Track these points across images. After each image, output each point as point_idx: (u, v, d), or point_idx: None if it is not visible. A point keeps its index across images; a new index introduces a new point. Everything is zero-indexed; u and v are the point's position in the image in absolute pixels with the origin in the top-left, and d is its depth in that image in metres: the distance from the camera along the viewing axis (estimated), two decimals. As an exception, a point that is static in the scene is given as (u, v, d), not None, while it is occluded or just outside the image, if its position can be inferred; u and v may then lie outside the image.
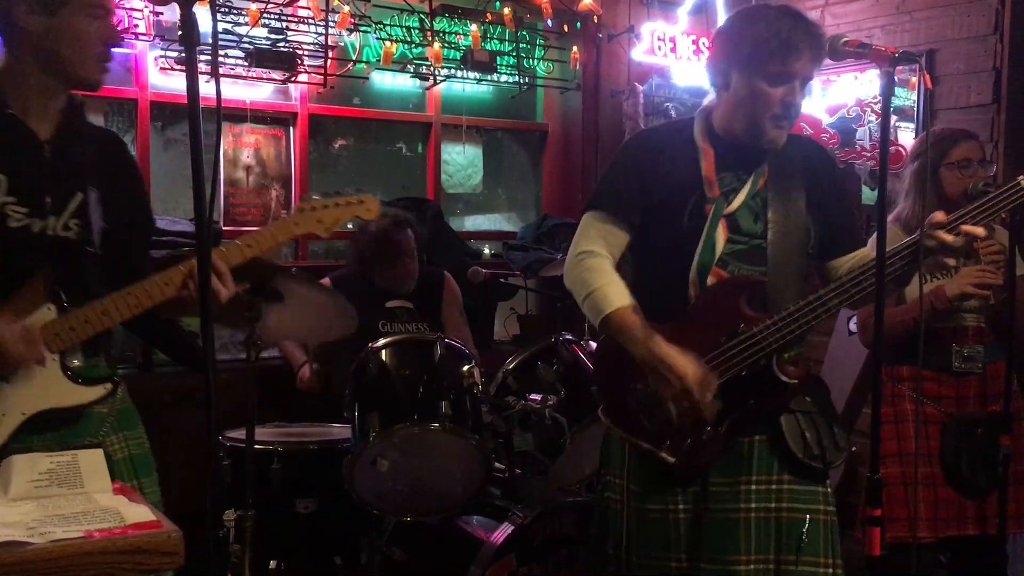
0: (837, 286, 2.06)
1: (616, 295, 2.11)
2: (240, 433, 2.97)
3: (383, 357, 2.96)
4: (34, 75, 1.89)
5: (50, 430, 1.86)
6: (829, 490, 2.19)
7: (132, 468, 2.02)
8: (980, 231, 2.02)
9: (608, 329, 2.12)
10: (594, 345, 3.06)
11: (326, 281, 3.65)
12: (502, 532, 2.86)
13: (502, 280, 3.92)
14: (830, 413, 2.19)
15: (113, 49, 1.96)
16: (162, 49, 3.75)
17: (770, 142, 2.13)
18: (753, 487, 2.14)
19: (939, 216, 2.03)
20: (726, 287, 2.11)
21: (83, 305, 1.87)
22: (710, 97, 2.23)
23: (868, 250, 2.21)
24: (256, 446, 2.90)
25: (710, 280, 2.12)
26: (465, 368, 2.95)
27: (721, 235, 2.12)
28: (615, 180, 2.24)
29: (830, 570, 2.13)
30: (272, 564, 2.96)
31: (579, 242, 2.21)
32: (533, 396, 3.02)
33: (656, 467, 2.14)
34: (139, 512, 1.45)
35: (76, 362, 1.92)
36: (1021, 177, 2.10)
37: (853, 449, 3.77)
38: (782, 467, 2.14)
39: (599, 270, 2.15)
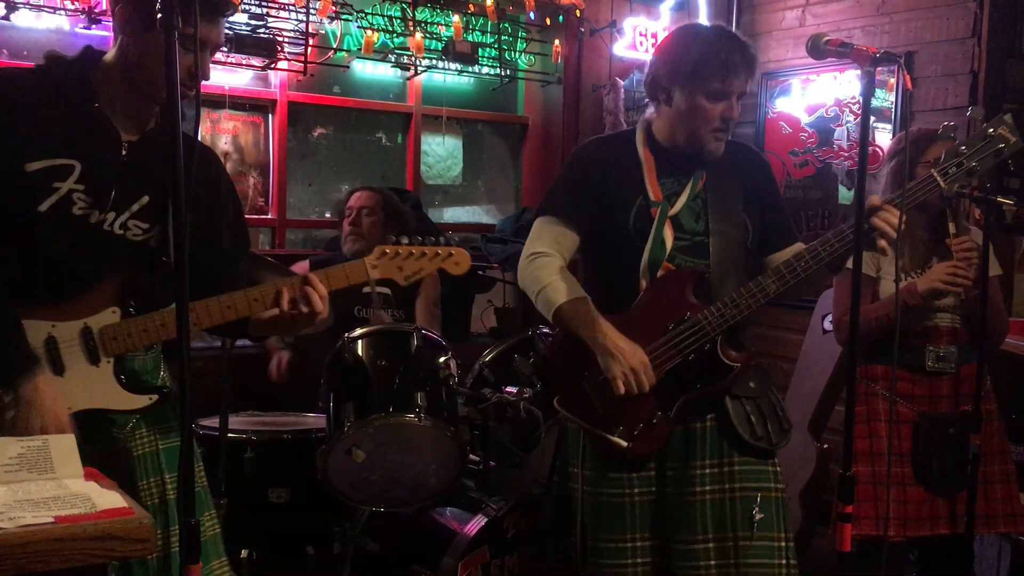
0: (773, 272, 2.23)
1: (566, 288, 2.27)
2: (213, 421, 2.96)
3: (359, 347, 2.95)
4: (126, 80, 1.89)
5: (88, 426, 1.85)
6: (778, 468, 2.34)
7: (157, 463, 2.00)
8: (893, 219, 2.13)
9: (560, 320, 2.27)
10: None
11: (304, 264, 3.63)
12: (476, 524, 2.86)
13: (480, 273, 3.93)
14: (774, 397, 2.36)
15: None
16: (140, 32, 3.70)
17: (710, 153, 2.31)
18: (707, 471, 2.29)
19: (875, 200, 2.17)
20: (673, 278, 2.28)
21: (147, 313, 1.87)
22: (650, 110, 2.40)
23: (801, 244, 2.36)
24: (229, 435, 2.90)
25: (660, 273, 2.29)
26: (441, 360, 2.94)
27: (669, 234, 2.30)
28: (564, 187, 2.41)
29: (783, 543, 2.28)
30: (244, 553, 2.95)
31: (531, 245, 2.39)
32: (509, 389, 3.03)
33: (610, 452, 2.28)
34: (110, 498, 1.43)
35: (130, 369, 1.93)
36: (934, 171, 2.24)
37: (825, 447, 3.81)
38: (731, 449, 2.30)
39: (549, 267, 2.32)
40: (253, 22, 3.83)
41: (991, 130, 2.25)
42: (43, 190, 1.82)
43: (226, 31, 3.72)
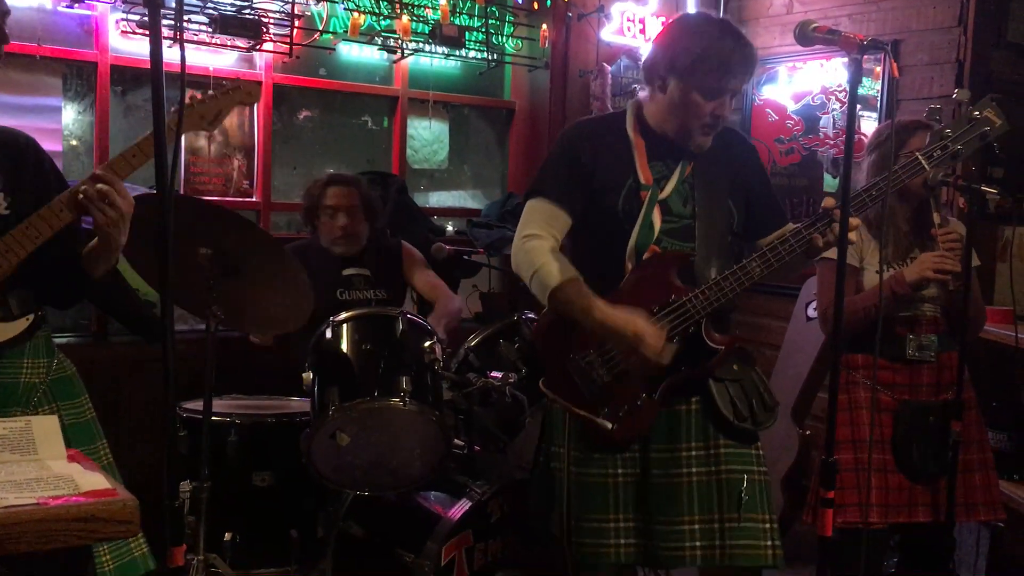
0: (758, 255, 2.23)
1: (561, 270, 2.26)
2: (197, 404, 2.95)
3: (344, 331, 2.95)
4: None
5: None
6: (761, 452, 2.38)
7: (64, 438, 2.01)
8: (856, 222, 2.16)
9: (555, 302, 2.27)
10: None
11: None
12: (460, 508, 2.87)
13: (465, 257, 3.91)
14: (757, 376, 2.38)
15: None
16: (124, 12, 3.67)
17: (697, 147, 2.33)
18: (693, 453, 2.32)
19: (829, 202, 2.18)
20: (658, 262, 2.29)
21: None
22: (643, 92, 2.39)
23: (790, 225, 2.37)
24: (213, 418, 2.88)
25: (646, 256, 2.30)
26: (426, 344, 2.94)
27: (657, 217, 2.31)
28: (554, 168, 2.39)
29: (767, 524, 2.31)
30: (227, 536, 2.94)
31: (523, 227, 2.36)
32: (494, 373, 3.03)
33: (594, 434, 2.31)
34: (94, 480, 1.43)
35: None
36: (919, 153, 2.25)
37: (807, 433, 3.84)
38: (717, 432, 2.33)
39: (542, 250, 2.30)
40: (239, 3, 3.80)
41: (976, 113, 2.25)
42: None
43: (210, 11, 3.72)
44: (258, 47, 3.97)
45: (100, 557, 1.98)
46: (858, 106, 4.39)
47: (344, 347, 2.92)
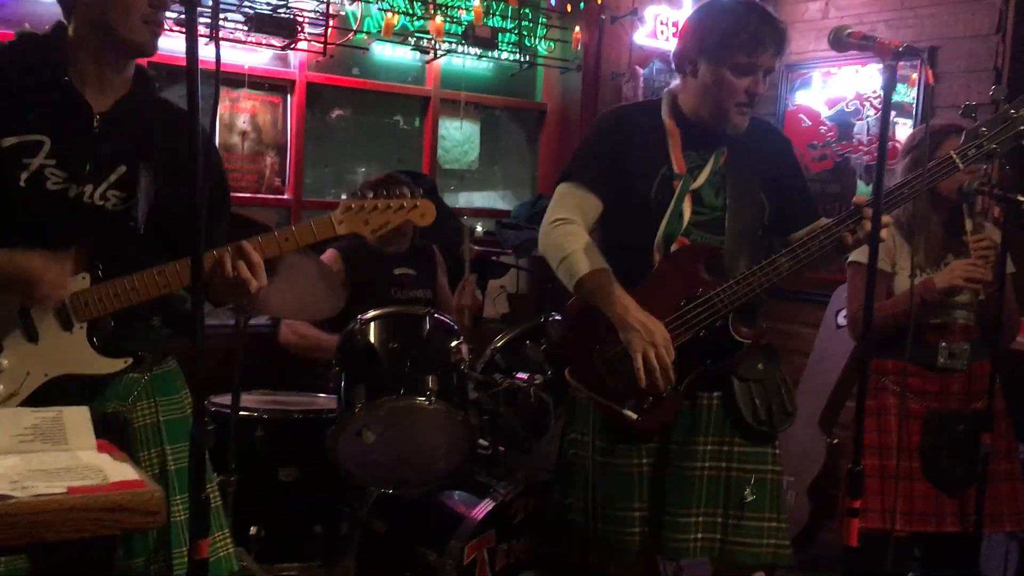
0: (787, 250, 2.22)
1: (590, 259, 2.25)
2: (225, 399, 2.97)
3: (371, 329, 2.96)
4: (90, 43, 1.89)
5: (75, 394, 1.86)
6: (777, 451, 2.38)
7: (158, 434, 2.01)
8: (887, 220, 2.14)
9: (582, 291, 2.26)
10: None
11: (332, 252, 3.63)
12: (483, 508, 2.88)
13: (493, 258, 3.93)
14: (780, 378, 2.37)
15: (161, 11, 1.91)
16: (161, 9, 3.71)
17: (734, 127, 2.30)
18: (708, 447, 2.33)
19: (860, 199, 2.17)
20: (686, 254, 2.28)
21: (116, 277, 1.88)
22: (676, 82, 2.39)
23: (823, 220, 2.35)
24: (241, 412, 2.91)
25: (674, 248, 2.28)
26: (453, 344, 2.95)
27: (687, 207, 2.29)
28: (588, 153, 2.39)
29: (774, 523, 2.32)
30: (252, 530, 2.97)
31: (553, 210, 2.35)
32: (520, 375, 3.04)
33: (619, 424, 2.30)
34: (122, 471, 1.44)
35: (103, 333, 1.93)
36: (953, 152, 2.24)
37: (835, 442, 3.81)
38: (733, 430, 2.33)
39: (573, 235, 2.28)
40: (274, 2, 3.83)
41: (1013, 111, 2.21)
42: (17, 165, 1.84)
43: (246, 10, 3.76)
44: (292, 46, 4.00)
45: (177, 560, 1.97)
46: (892, 113, 4.35)
47: (371, 345, 2.93)
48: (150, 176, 1.95)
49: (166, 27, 3.72)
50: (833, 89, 4.65)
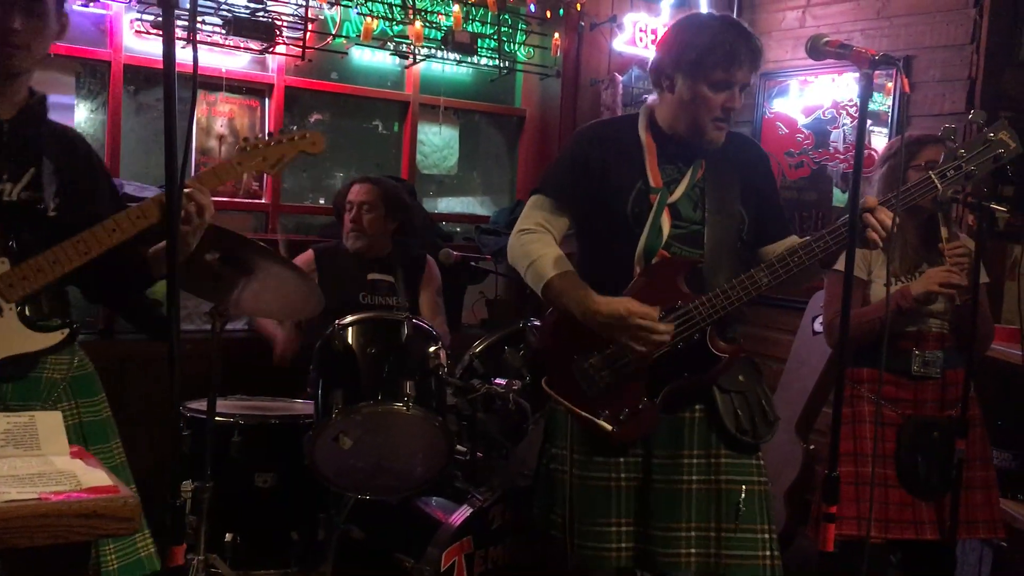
0: (766, 266, 2.22)
1: (555, 263, 2.29)
2: (201, 404, 2.95)
3: (349, 334, 2.95)
4: None
5: (16, 379, 1.92)
6: (762, 462, 2.38)
7: (81, 435, 2.03)
8: (886, 220, 2.12)
9: (550, 294, 2.28)
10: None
11: (309, 253, 3.63)
12: (461, 514, 2.87)
13: (472, 264, 3.92)
14: (761, 390, 2.38)
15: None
16: (138, 12, 3.69)
17: (710, 142, 2.32)
18: (695, 461, 2.32)
19: (871, 200, 2.14)
20: (666, 266, 2.28)
21: (32, 256, 1.91)
22: (653, 96, 2.40)
23: (795, 237, 2.38)
24: (217, 418, 2.89)
25: (654, 261, 2.29)
26: (431, 349, 2.94)
27: (666, 221, 2.30)
28: (563, 168, 2.41)
29: (765, 535, 2.31)
30: (228, 537, 2.95)
31: (522, 221, 2.40)
32: (498, 380, 3.03)
33: (597, 437, 2.31)
34: (96, 476, 1.43)
35: (33, 311, 1.96)
36: (932, 173, 2.24)
37: (811, 447, 3.83)
38: (718, 441, 2.33)
39: (540, 242, 2.34)
40: (252, 5, 3.81)
41: (991, 135, 2.24)
42: None
43: (224, 13, 3.74)
44: (271, 49, 3.98)
45: (105, 556, 1.98)
46: (869, 121, 4.40)
47: (349, 350, 2.92)
48: (52, 170, 2.03)
49: (143, 29, 3.72)
50: (810, 97, 4.69)
